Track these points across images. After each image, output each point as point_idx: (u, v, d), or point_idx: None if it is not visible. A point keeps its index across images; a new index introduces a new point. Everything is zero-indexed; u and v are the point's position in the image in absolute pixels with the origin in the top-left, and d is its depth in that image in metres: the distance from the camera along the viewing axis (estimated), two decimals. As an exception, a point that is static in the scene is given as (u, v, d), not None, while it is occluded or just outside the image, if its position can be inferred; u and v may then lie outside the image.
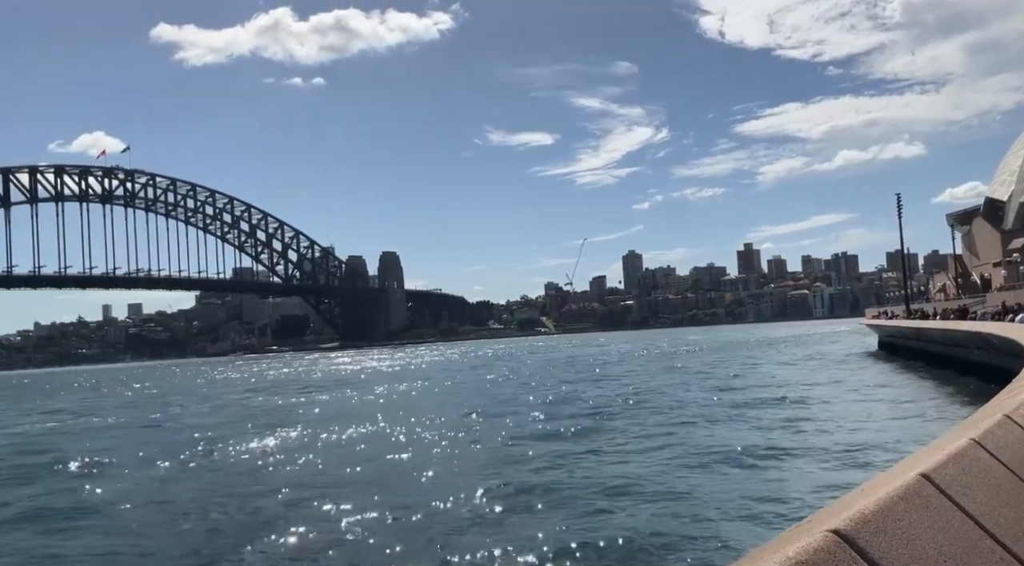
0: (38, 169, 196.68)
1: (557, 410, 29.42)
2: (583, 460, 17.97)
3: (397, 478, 17.19)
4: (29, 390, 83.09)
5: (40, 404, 55.90)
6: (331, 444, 23.47)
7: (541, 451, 19.51)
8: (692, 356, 71.37)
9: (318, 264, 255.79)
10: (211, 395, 55.44)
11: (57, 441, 29.29)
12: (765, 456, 17.06)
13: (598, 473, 16.22)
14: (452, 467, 18.09)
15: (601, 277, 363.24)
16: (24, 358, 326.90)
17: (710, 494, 13.68)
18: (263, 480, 17.91)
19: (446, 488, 14.99)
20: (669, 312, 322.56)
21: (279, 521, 13.34)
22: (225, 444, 24.07)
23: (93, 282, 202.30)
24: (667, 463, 17.03)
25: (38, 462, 23.36)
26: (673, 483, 14.70)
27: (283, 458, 20.94)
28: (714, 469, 16.04)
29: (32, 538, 13.75)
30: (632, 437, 21.43)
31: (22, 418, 43.27)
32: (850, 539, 2.02)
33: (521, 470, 17.08)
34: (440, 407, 33.27)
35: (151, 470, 20.42)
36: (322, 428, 26.88)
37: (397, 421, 27.96)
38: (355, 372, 79.84)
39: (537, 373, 57.84)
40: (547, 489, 14.64)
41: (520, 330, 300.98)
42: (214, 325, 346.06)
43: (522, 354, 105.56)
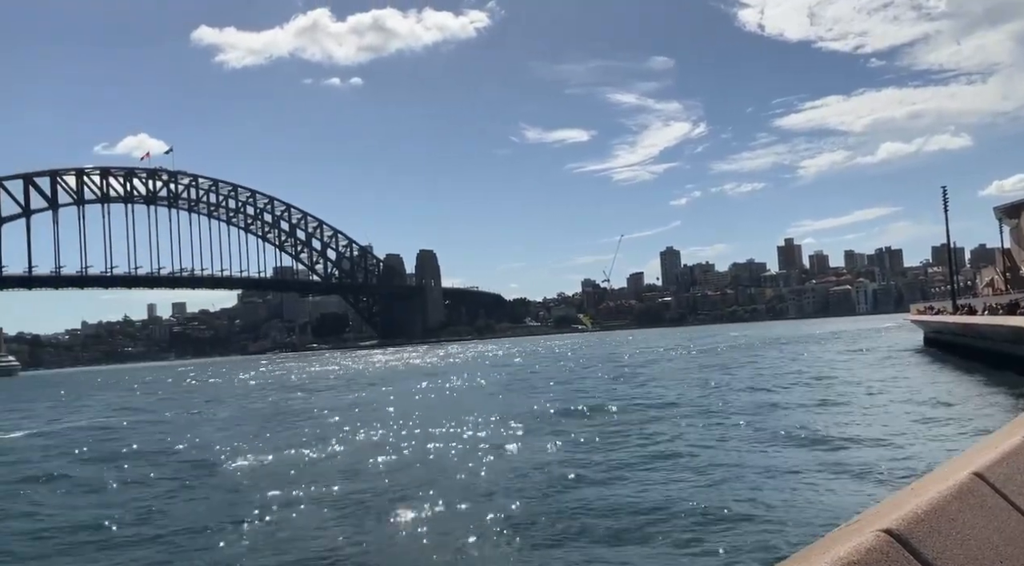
0: (84, 171, 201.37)
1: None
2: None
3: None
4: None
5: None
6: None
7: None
8: (738, 352, 70.55)
9: (356, 263, 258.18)
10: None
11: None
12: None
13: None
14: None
15: (639, 274, 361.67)
16: (72, 356, 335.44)
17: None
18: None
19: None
20: (708, 309, 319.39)
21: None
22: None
23: (138, 282, 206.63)
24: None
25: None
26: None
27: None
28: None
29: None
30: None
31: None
32: (903, 539, 1.97)
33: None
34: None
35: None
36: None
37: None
38: (418, 367, 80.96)
39: (582, 372, 57.60)
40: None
41: (557, 327, 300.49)
42: (255, 323, 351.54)
43: (562, 351, 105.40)
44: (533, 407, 30.55)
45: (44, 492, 18.56)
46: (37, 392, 74.35)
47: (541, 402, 32.38)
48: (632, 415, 26.25)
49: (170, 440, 27.18)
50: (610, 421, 25.15)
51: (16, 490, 18.84)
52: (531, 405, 31.33)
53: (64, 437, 31.72)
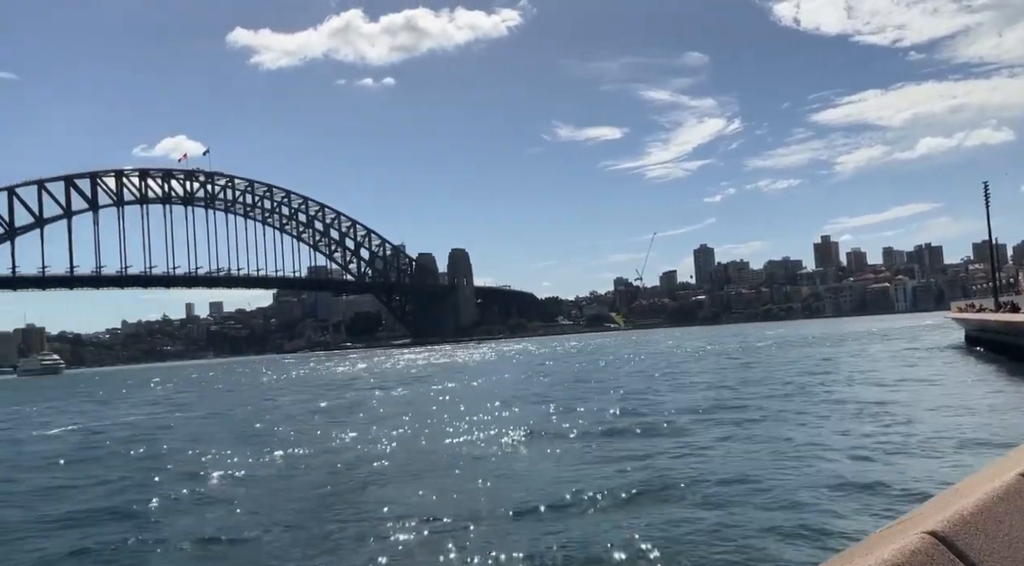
0: (124, 173, 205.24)
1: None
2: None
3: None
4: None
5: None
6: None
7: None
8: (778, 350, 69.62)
9: (389, 262, 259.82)
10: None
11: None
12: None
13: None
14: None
15: (672, 272, 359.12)
16: (113, 355, 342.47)
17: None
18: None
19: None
20: (742, 307, 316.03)
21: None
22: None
23: (176, 281, 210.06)
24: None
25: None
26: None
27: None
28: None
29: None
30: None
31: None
32: (948, 541, 1.91)
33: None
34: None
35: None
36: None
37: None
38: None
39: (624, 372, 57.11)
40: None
41: (589, 326, 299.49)
42: (291, 322, 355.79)
43: (594, 349, 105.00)
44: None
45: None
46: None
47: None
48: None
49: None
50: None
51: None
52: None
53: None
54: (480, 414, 28.71)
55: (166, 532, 13.48)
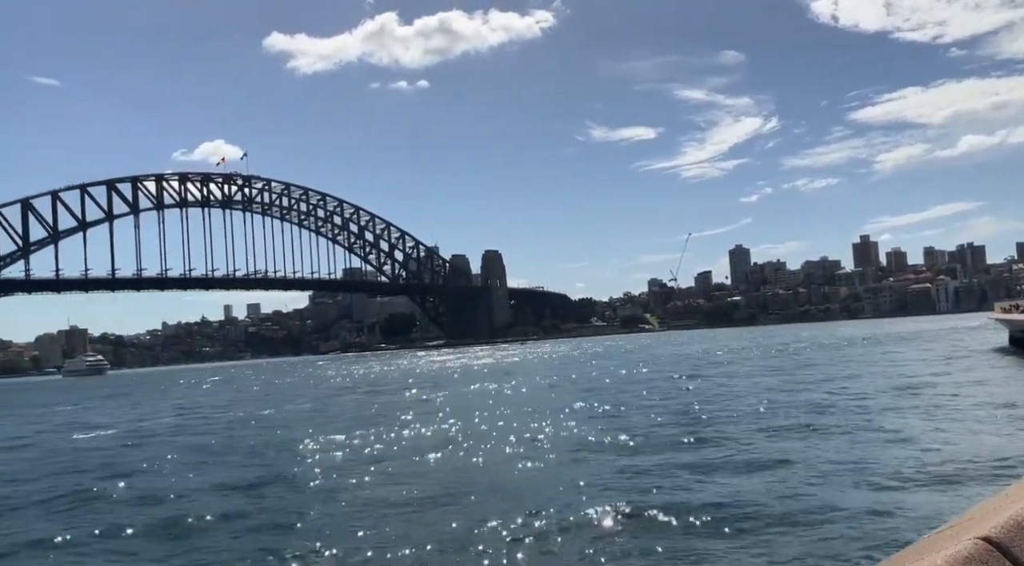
0: (164, 177, 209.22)
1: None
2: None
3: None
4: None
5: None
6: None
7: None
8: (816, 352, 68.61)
9: (423, 263, 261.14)
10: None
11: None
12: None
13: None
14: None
15: (707, 272, 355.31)
16: (153, 356, 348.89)
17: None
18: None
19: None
20: (779, 308, 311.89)
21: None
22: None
23: (214, 283, 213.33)
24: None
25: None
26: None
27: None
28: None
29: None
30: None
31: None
32: (1004, 548, 1.85)
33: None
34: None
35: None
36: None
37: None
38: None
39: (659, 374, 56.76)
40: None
41: (623, 327, 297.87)
42: (326, 324, 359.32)
43: (632, 350, 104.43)
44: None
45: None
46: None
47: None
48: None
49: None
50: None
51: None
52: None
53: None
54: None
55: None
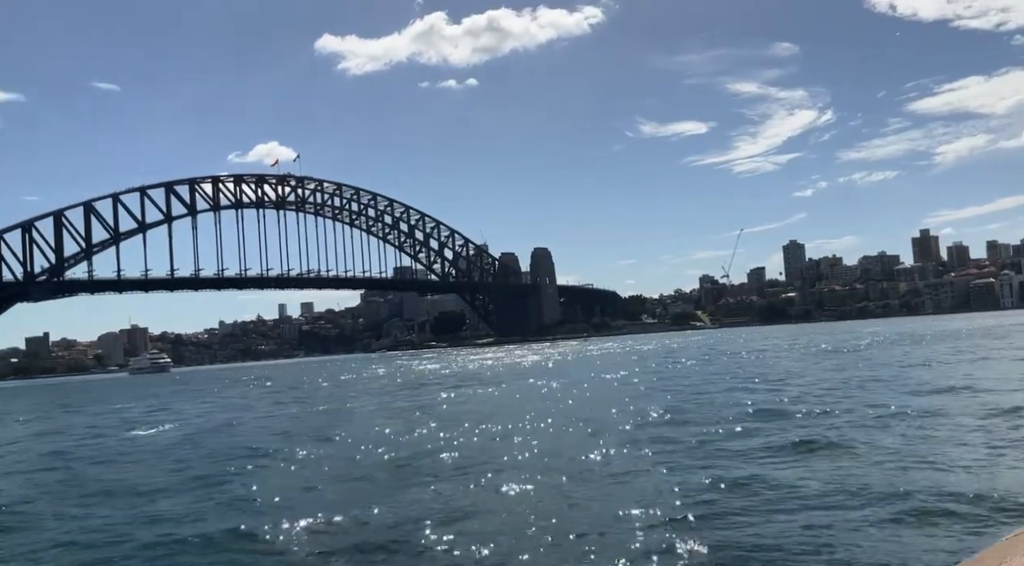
0: (220, 179, 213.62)
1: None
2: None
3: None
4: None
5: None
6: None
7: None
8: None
9: (472, 262, 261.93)
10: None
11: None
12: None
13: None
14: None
15: (760, 269, 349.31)
16: (211, 354, 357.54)
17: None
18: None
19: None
20: (835, 304, 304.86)
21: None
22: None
23: (269, 283, 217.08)
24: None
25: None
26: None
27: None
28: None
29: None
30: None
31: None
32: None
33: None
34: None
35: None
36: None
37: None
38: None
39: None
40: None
41: (674, 324, 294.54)
42: (377, 322, 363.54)
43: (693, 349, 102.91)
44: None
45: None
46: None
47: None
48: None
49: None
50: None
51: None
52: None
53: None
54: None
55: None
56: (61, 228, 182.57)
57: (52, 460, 24.52)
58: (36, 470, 22.56)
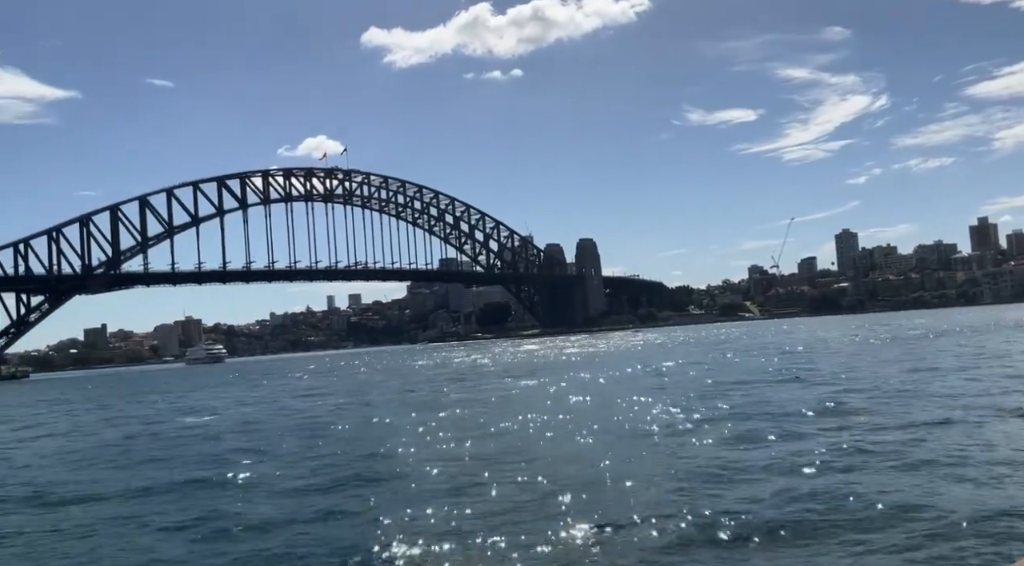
0: (269, 173, 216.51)
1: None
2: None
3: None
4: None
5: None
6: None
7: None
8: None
9: (517, 253, 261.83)
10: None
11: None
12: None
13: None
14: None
15: (811, 258, 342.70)
16: (262, 345, 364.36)
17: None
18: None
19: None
20: (889, 294, 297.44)
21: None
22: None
23: (318, 275, 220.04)
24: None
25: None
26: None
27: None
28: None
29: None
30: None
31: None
32: None
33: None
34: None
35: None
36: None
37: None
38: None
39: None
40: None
41: (722, 315, 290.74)
42: (424, 313, 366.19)
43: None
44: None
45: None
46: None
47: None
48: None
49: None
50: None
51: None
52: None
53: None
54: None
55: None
56: (117, 222, 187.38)
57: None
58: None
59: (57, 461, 23.03)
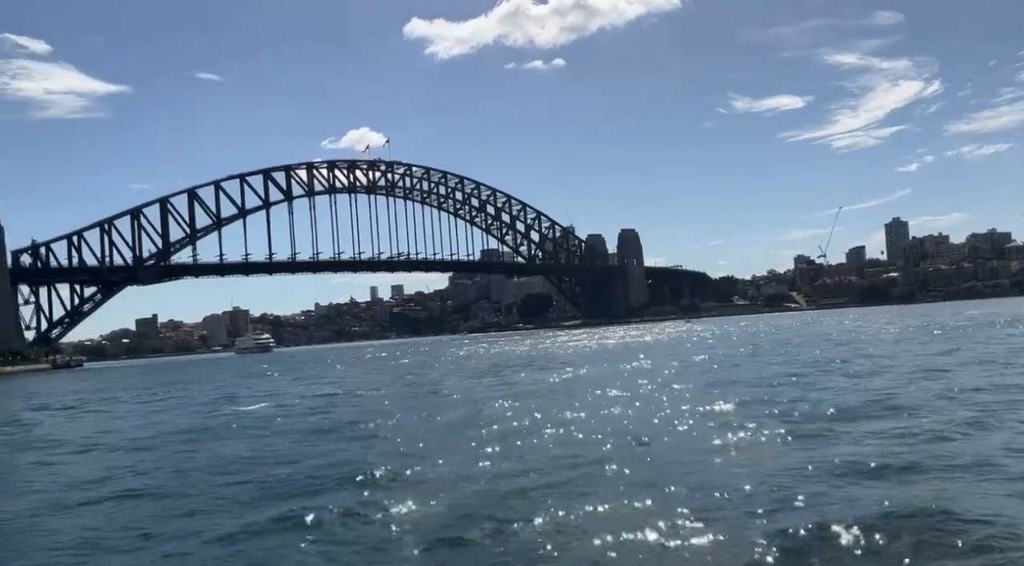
0: (314, 165, 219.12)
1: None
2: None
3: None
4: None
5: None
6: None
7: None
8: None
9: (559, 244, 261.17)
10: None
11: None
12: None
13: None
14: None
15: (859, 248, 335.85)
16: (307, 335, 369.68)
17: None
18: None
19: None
20: (941, 284, 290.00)
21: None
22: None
23: (361, 266, 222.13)
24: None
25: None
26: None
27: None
28: None
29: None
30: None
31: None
32: None
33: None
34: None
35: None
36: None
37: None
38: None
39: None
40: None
41: (767, 306, 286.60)
42: (465, 304, 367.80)
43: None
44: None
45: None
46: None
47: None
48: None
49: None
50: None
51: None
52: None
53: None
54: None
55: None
56: (167, 214, 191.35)
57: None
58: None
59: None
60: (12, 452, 24.12)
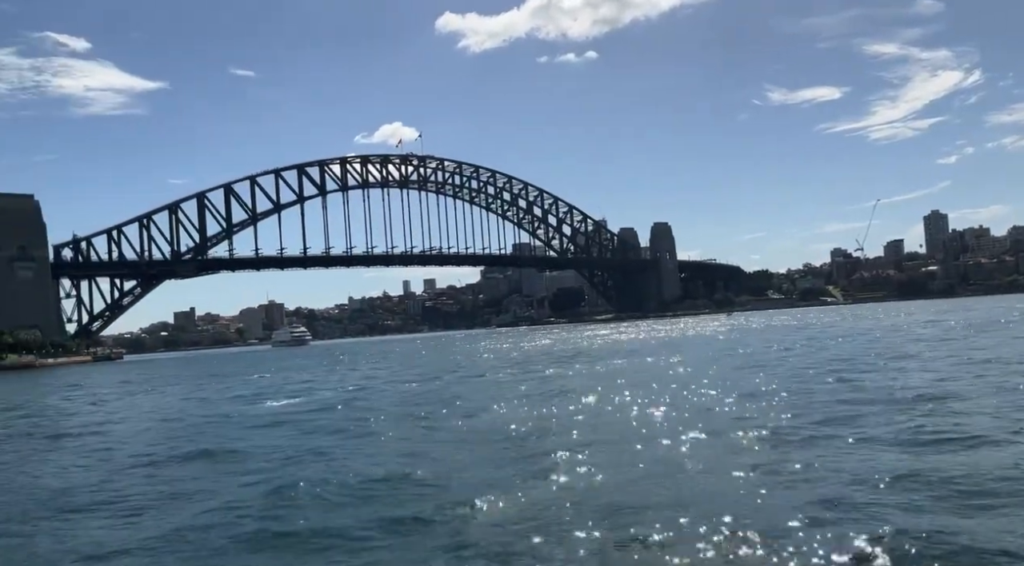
0: (347, 160, 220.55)
1: None
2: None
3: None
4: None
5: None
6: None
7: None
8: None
9: (591, 237, 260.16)
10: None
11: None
12: None
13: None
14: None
15: (898, 241, 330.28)
16: (341, 329, 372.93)
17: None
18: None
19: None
20: (982, 278, 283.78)
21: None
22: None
23: (394, 260, 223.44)
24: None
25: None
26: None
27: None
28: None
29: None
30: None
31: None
32: None
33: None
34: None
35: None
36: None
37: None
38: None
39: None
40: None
41: (803, 300, 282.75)
42: (497, 298, 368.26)
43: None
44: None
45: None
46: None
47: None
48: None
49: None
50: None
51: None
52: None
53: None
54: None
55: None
56: (204, 209, 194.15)
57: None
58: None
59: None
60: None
